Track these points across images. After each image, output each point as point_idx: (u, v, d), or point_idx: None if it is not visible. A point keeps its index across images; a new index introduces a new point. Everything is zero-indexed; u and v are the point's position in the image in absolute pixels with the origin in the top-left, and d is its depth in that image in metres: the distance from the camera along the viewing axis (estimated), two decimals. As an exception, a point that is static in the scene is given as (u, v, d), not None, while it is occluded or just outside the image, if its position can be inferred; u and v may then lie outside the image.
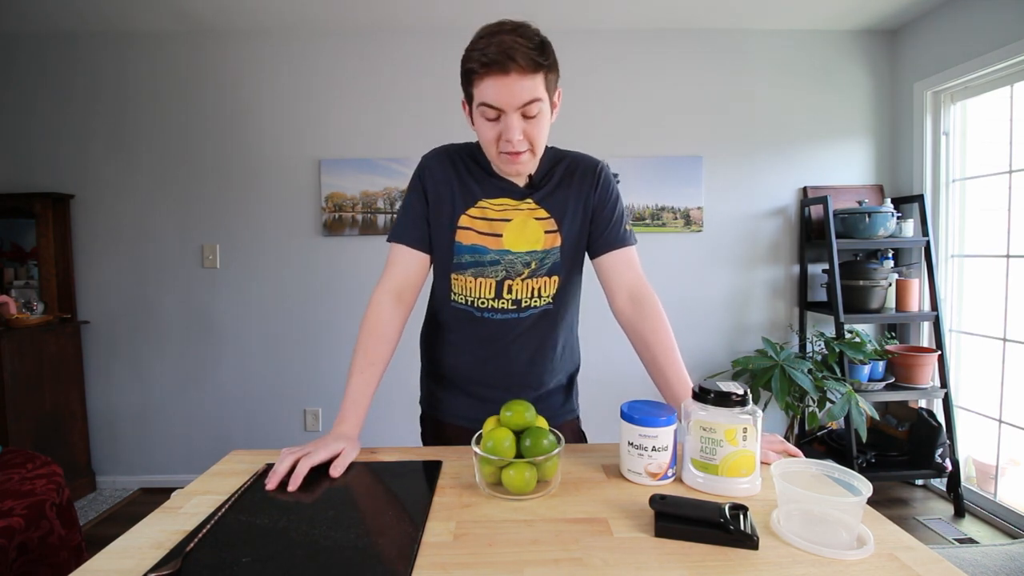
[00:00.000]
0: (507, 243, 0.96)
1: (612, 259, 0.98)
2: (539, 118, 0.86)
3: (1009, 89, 2.16)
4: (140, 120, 2.50)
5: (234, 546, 0.61)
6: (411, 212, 0.99)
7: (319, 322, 2.57)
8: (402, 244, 0.98)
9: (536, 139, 0.88)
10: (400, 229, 0.99)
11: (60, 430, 2.40)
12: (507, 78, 0.81)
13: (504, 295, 0.97)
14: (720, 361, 2.63)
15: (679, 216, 2.57)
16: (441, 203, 0.97)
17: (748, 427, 0.70)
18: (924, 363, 2.32)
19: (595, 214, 0.99)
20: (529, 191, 0.97)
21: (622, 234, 0.99)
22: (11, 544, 1.34)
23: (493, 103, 0.83)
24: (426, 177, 0.99)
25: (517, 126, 0.85)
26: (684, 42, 2.55)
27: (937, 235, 2.43)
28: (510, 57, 0.79)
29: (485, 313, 0.98)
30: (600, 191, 0.99)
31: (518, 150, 0.87)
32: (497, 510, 0.69)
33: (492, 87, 0.82)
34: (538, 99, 0.84)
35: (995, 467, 2.25)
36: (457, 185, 0.97)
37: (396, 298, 0.97)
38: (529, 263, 0.96)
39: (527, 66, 0.81)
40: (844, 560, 0.57)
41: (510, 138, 0.85)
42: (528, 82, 0.82)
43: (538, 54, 0.82)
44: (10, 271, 2.49)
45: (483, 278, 0.97)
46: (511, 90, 0.82)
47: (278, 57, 2.50)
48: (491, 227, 0.96)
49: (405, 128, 2.52)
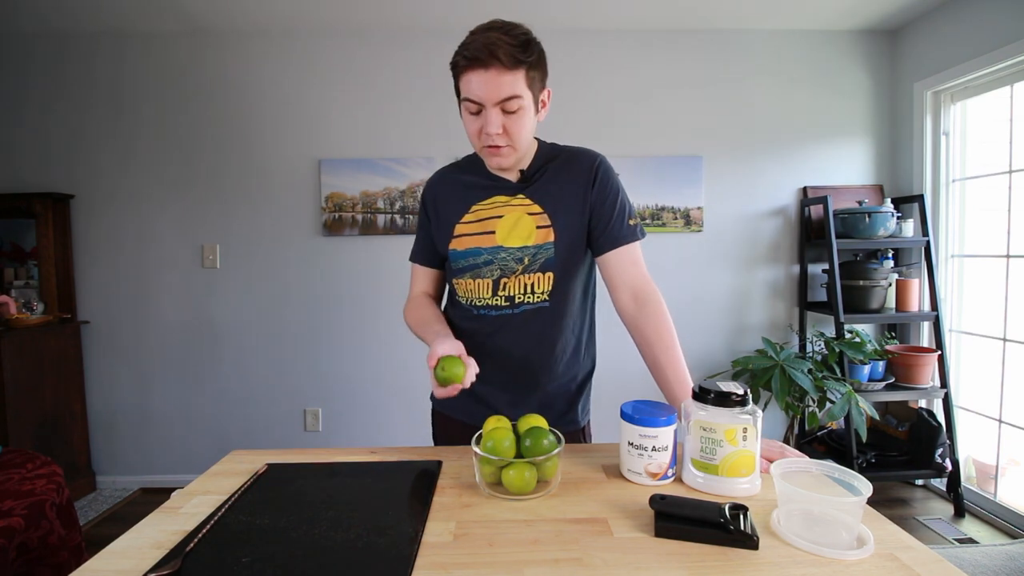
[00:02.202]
0: (499, 239, 0.97)
1: (615, 257, 0.96)
2: (519, 114, 0.88)
3: (1009, 89, 2.16)
4: (140, 120, 2.50)
5: (234, 546, 0.61)
6: (420, 233, 1.09)
7: (319, 322, 2.57)
8: (417, 264, 1.10)
9: (516, 135, 0.90)
10: (415, 250, 1.11)
11: (60, 430, 2.40)
12: (487, 73, 0.84)
13: (499, 292, 0.98)
14: (720, 361, 2.63)
15: (679, 216, 2.57)
16: (442, 220, 1.03)
17: (748, 427, 0.70)
18: (924, 363, 2.32)
19: (594, 210, 0.97)
20: (522, 186, 0.99)
21: (625, 230, 0.97)
22: (11, 544, 1.34)
23: (474, 97, 0.86)
24: (427, 200, 1.06)
25: (496, 120, 0.87)
26: (684, 42, 2.55)
27: (937, 235, 2.43)
28: (491, 53, 0.82)
29: (481, 311, 1.00)
30: (599, 186, 0.97)
31: (496, 144, 0.90)
32: (497, 510, 0.69)
33: (473, 81, 0.85)
34: (517, 95, 0.86)
35: (995, 467, 2.25)
36: (455, 198, 1.02)
37: (424, 296, 1.10)
38: (522, 259, 0.97)
39: (507, 62, 0.83)
40: (844, 560, 0.57)
41: (488, 131, 0.88)
42: (508, 78, 0.84)
43: (520, 51, 0.84)
44: (10, 271, 2.49)
45: (480, 279, 0.98)
46: (490, 85, 0.85)
47: (278, 57, 2.50)
48: (484, 226, 0.98)
49: (405, 128, 2.52)
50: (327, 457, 0.88)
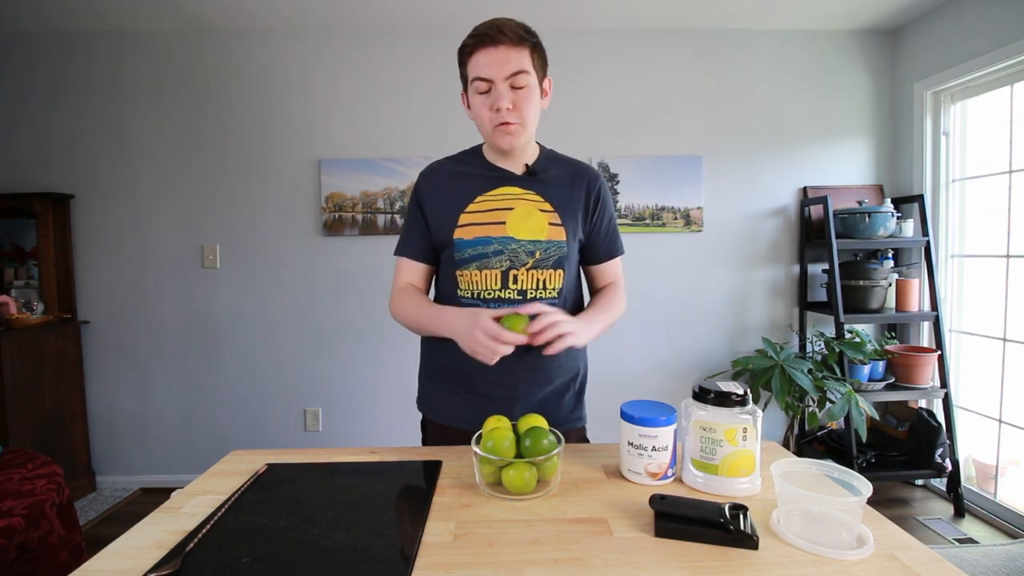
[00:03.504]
0: (510, 230, 0.98)
1: (601, 268, 1.10)
2: (527, 91, 0.93)
3: (1009, 89, 2.16)
4: (140, 120, 2.50)
5: (234, 546, 0.61)
6: (409, 227, 1.07)
7: (319, 322, 2.57)
8: (405, 257, 1.07)
9: (525, 112, 0.94)
10: (402, 243, 1.08)
11: (60, 430, 2.40)
12: (496, 50, 0.90)
13: (510, 285, 0.98)
14: (720, 361, 2.63)
15: (679, 216, 2.57)
16: (438, 210, 1.02)
17: (748, 427, 0.70)
18: (924, 363, 2.32)
19: (593, 229, 1.06)
20: (529, 179, 1.01)
21: (617, 245, 1.11)
22: (11, 544, 1.34)
23: (484, 75, 0.91)
24: (420, 192, 1.05)
25: (506, 95, 0.91)
26: (684, 42, 2.55)
27: (937, 235, 2.43)
28: (499, 30, 0.90)
29: (491, 304, 0.99)
30: (601, 205, 1.05)
31: (508, 120, 0.93)
32: (497, 510, 0.69)
33: (483, 58, 0.90)
34: (525, 71, 0.91)
35: (995, 467, 2.25)
36: (453, 189, 1.02)
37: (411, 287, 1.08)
38: (533, 252, 0.98)
39: (514, 39, 0.90)
40: (844, 560, 0.57)
41: (500, 106, 0.91)
42: (515, 54, 0.90)
43: (524, 32, 0.92)
44: (10, 271, 2.49)
45: (488, 269, 0.98)
46: (500, 60, 0.90)
47: (278, 57, 2.50)
48: (493, 216, 0.99)
49: (405, 128, 2.52)
50: (327, 457, 0.88)
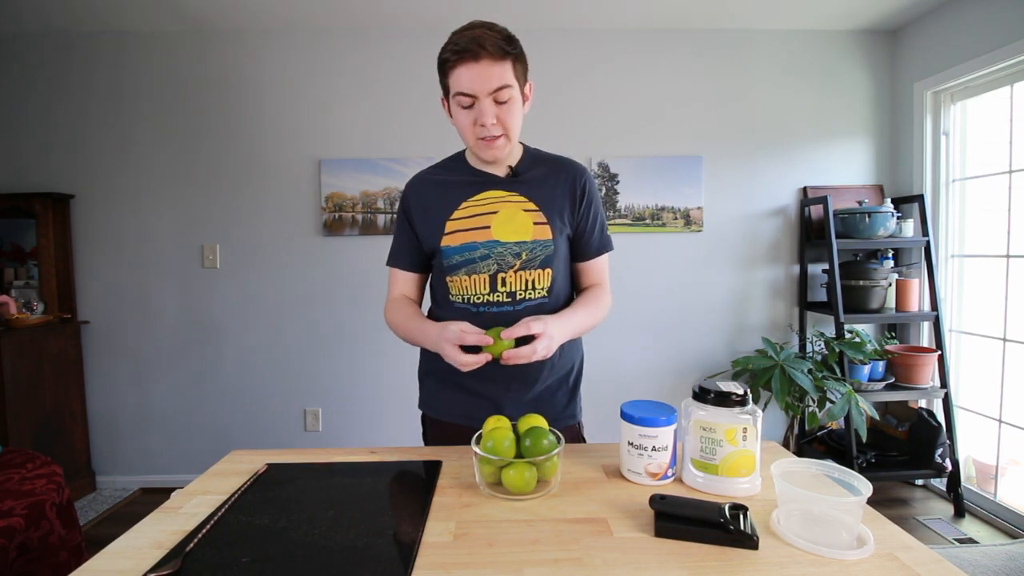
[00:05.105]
0: (495, 233, 0.98)
1: (588, 265, 1.08)
2: (511, 104, 0.92)
3: (1009, 89, 2.16)
4: (140, 120, 2.50)
5: (234, 546, 0.61)
6: (398, 238, 1.09)
7: (319, 322, 2.57)
8: (396, 268, 1.09)
9: (509, 124, 0.94)
10: (393, 255, 1.10)
11: (60, 430, 2.40)
12: (478, 65, 0.88)
13: (499, 288, 0.99)
14: (720, 361, 2.63)
15: (679, 216, 2.57)
16: (425, 220, 1.03)
17: (748, 427, 0.70)
18: (924, 363, 2.32)
19: (580, 222, 1.05)
20: (513, 181, 1.01)
21: (604, 241, 1.09)
22: (11, 544, 1.34)
23: (467, 90, 0.90)
24: (406, 202, 1.06)
25: (490, 111, 0.91)
26: (684, 42, 2.55)
27: (937, 235, 2.43)
28: (480, 45, 0.87)
29: (481, 308, 1.00)
30: (586, 199, 1.04)
31: (493, 134, 0.93)
32: (497, 510, 0.69)
33: (465, 74, 0.89)
34: (508, 85, 0.91)
35: (995, 467, 2.25)
36: (438, 197, 1.03)
37: (405, 298, 1.09)
38: (519, 254, 0.98)
39: (496, 53, 0.88)
40: (844, 560, 0.57)
41: (484, 122, 0.91)
42: (498, 68, 0.89)
43: (506, 43, 0.89)
44: (10, 271, 2.49)
45: (476, 274, 0.99)
46: (482, 76, 0.88)
47: (278, 57, 2.50)
48: (478, 221, 0.99)
49: (405, 128, 2.52)
50: (327, 457, 0.88)
